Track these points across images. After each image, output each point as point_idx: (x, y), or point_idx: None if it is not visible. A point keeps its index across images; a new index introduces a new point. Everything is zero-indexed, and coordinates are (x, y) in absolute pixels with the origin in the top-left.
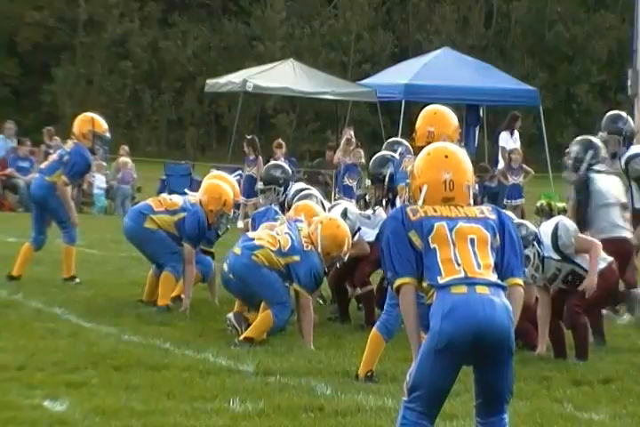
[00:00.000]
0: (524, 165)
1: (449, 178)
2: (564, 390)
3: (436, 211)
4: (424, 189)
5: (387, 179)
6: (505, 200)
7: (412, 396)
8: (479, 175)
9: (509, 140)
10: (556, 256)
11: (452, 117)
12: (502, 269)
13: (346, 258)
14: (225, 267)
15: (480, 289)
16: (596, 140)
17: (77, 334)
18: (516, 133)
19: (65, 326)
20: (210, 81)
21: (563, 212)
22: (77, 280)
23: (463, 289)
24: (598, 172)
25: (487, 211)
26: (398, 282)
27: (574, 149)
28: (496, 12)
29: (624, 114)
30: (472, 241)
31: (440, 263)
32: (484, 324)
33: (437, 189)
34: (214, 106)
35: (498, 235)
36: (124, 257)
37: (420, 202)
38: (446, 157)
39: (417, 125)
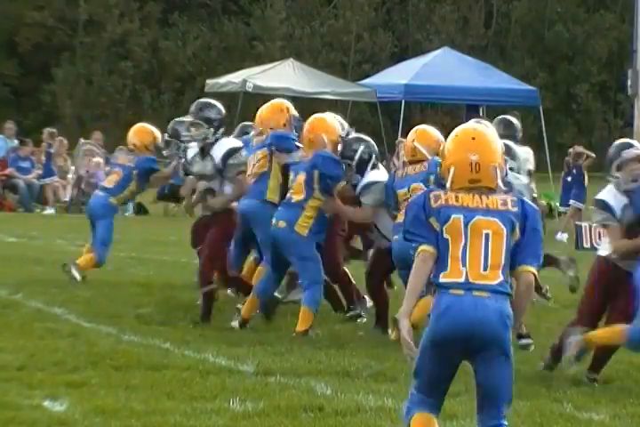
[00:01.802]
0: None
1: (475, 160)
2: (564, 391)
3: (457, 200)
4: (451, 170)
5: (356, 157)
6: None
7: (415, 381)
8: None
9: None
10: None
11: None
12: (517, 256)
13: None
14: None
15: (477, 293)
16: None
17: (77, 334)
18: None
19: (65, 326)
20: (210, 81)
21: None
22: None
23: (460, 292)
24: None
25: (510, 202)
26: (420, 248)
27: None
28: (496, 11)
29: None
30: (487, 236)
31: (449, 259)
32: (474, 326)
33: (464, 170)
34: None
35: (518, 228)
36: (124, 257)
37: (449, 184)
38: (473, 138)
39: None
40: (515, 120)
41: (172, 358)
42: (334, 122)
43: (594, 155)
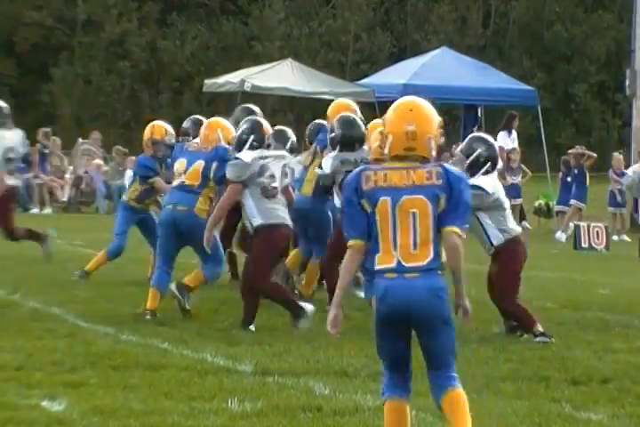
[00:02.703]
0: (523, 166)
1: (412, 129)
2: (563, 390)
3: (386, 179)
4: (389, 138)
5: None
6: None
7: (382, 361)
8: None
9: (507, 140)
10: None
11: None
12: (442, 220)
13: None
14: None
15: (409, 275)
16: None
17: (75, 333)
18: (514, 133)
19: (63, 325)
20: (208, 81)
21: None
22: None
23: (394, 275)
24: None
25: (435, 174)
26: (349, 243)
27: None
28: (494, 11)
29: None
30: (414, 215)
31: (380, 241)
32: (409, 307)
33: (400, 139)
34: (212, 106)
35: (444, 198)
36: (122, 257)
37: (386, 150)
38: (411, 110)
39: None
40: None
41: (171, 358)
42: (228, 124)
43: (595, 155)
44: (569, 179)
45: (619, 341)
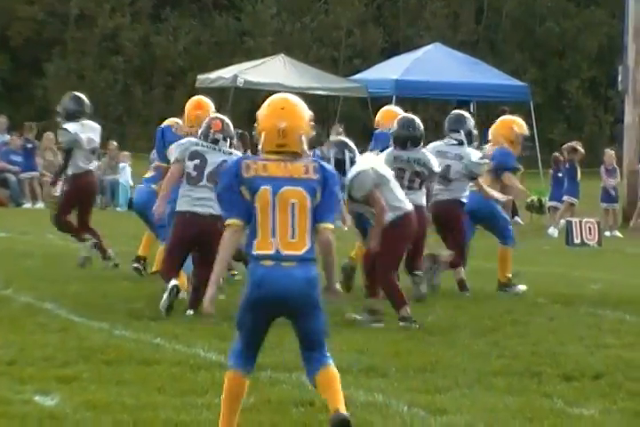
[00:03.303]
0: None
1: (283, 127)
2: (554, 386)
3: (265, 169)
4: (262, 135)
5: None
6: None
7: (238, 333)
8: None
9: None
10: None
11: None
12: (316, 215)
13: None
14: None
15: (286, 264)
16: None
17: (68, 328)
18: None
19: (55, 320)
20: (201, 76)
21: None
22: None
23: (271, 263)
24: None
25: (312, 169)
26: (227, 222)
27: None
28: (486, 7)
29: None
30: (293, 205)
31: (259, 228)
32: (285, 295)
33: (272, 135)
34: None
35: (319, 192)
36: (115, 252)
37: (260, 147)
38: (282, 108)
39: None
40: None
41: (163, 353)
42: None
43: (582, 150)
44: (560, 175)
45: (611, 336)
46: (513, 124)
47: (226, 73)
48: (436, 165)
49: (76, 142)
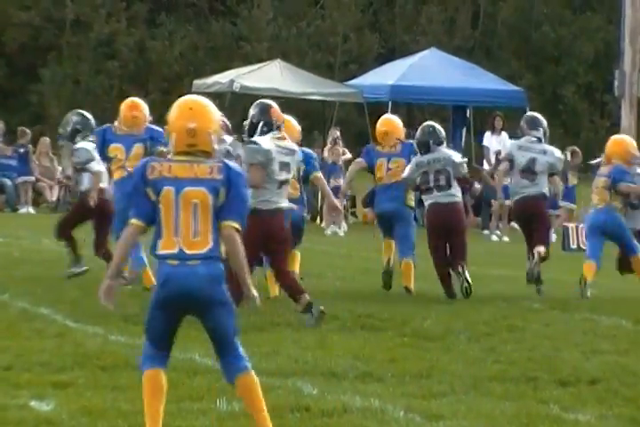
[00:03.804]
0: None
1: (192, 127)
2: (551, 391)
3: (170, 171)
4: (173, 136)
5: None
6: (493, 200)
7: (147, 335)
8: (470, 176)
9: (492, 140)
10: None
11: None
12: (221, 214)
13: None
14: None
15: (190, 262)
16: None
17: (64, 334)
18: (505, 135)
19: (52, 326)
20: (197, 81)
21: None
22: None
23: (175, 262)
24: None
25: (217, 169)
26: (130, 221)
27: None
28: (482, 13)
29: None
30: (195, 206)
31: (163, 228)
32: (190, 294)
33: (182, 136)
34: None
35: (224, 192)
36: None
37: (171, 148)
38: (191, 108)
39: None
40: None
41: None
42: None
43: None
44: None
45: (607, 342)
46: (630, 148)
47: (222, 78)
48: (457, 156)
49: (91, 161)
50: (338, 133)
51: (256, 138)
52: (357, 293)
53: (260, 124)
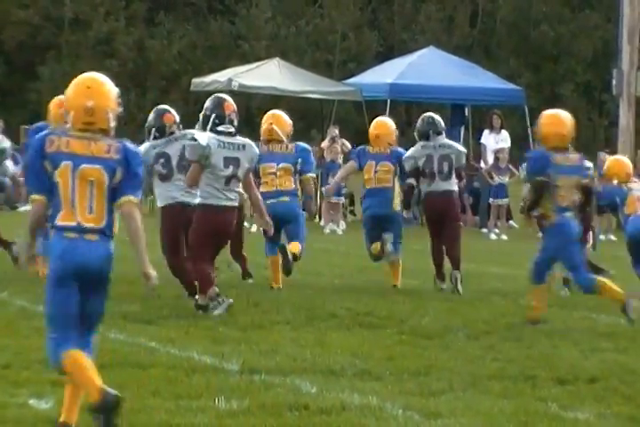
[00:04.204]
0: (511, 166)
1: (90, 105)
2: (549, 390)
3: (68, 146)
4: (71, 113)
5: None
6: (490, 199)
7: (51, 325)
8: (468, 174)
9: (489, 139)
10: None
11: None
12: (118, 191)
13: None
14: None
15: (87, 236)
16: None
17: None
18: (505, 133)
19: None
20: (195, 80)
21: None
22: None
23: (73, 235)
24: None
25: (114, 149)
26: (32, 197)
27: None
28: (481, 11)
29: None
30: (92, 183)
31: (62, 202)
32: (87, 267)
33: (80, 114)
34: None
35: (120, 171)
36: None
37: (69, 125)
38: (88, 87)
39: None
40: None
41: (158, 357)
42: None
43: None
44: None
45: (605, 340)
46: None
47: (220, 77)
48: (461, 147)
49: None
50: (336, 132)
51: (196, 134)
52: (356, 291)
53: (213, 116)
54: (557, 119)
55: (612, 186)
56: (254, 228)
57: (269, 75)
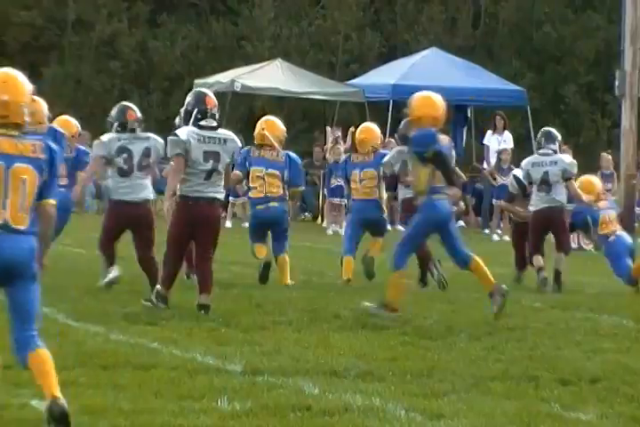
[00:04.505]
0: (514, 167)
1: (5, 99)
2: (552, 390)
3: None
4: None
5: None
6: (493, 200)
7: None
8: (471, 175)
9: (492, 139)
10: None
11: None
12: (42, 193)
13: None
14: None
15: (14, 234)
16: None
17: (65, 333)
18: (507, 134)
19: (52, 325)
20: (198, 81)
21: None
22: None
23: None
24: None
25: (39, 148)
26: None
27: None
28: (484, 12)
29: None
30: (24, 181)
31: None
32: (12, 262)
33: None
34: None
35: (46, 171)
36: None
37: None
38: (5, 82)
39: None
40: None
41: (160, 358)
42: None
43: None
44: None
45: (608, 341)
46: (600, 188)
47: (223, 78)
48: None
49: None
50: (339, 133)
51: (178, 130)
52: (359, 292)
53: (195, 111)
54: (430, 101)
55: (583, 205)
56: (229, 223)
57: (272, 76)
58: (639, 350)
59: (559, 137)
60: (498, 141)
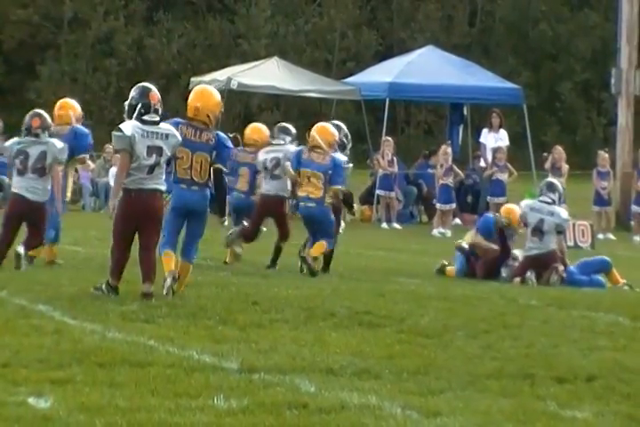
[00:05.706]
0: (509, 165)
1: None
2: (548, 388)
3: None
4: None
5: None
6: (488, 197)
7: None
8: (467, 174)
9: (488, 137)
10: None
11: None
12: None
13: None
14: None
15: None
16: None
17: (62, 331)
18: (503, 132)
19: (49, 323)
20: (194, 79)
21: None
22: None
23: None
24: None
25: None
26: None
27: None
28: (480, 10)
29: None
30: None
31: None
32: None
33: None
34: None
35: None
36: (108, 254)
37: None
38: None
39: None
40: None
41: (157, 355)
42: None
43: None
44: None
45: (604, 339)
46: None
47: (220, 76)
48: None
49: None
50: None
51: (122, 125)
52: (355, 290)
53: (139, 106)
54: (204, 93)
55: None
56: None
57: (268, 74)
58: (635, 348)
59: (561, 189)
60: (494, 139)
